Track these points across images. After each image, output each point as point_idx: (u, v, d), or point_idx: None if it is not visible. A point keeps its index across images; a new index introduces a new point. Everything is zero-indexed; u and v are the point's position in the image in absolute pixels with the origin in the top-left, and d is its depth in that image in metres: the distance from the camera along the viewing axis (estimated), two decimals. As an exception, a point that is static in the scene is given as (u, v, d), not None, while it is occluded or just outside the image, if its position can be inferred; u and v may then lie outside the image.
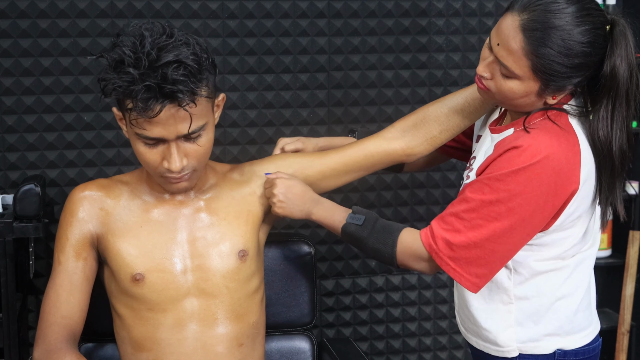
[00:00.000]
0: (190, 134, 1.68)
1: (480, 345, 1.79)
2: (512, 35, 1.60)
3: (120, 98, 1.67)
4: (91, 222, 1.81)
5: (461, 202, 1.66)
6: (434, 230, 1.69)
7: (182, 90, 1.62)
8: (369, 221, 1.78)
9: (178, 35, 1.67)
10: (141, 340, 1.80)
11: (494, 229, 1.62)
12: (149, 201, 1.83)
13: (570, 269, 1.72)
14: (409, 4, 2.59)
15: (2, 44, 2.33)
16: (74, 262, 1.79)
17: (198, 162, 1.74)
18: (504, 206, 1.61)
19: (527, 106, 1.67)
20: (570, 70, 1.59)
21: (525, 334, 1.73)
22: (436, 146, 1.93)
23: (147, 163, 1.73)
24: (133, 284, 1.77)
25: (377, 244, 1.76)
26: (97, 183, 1.85)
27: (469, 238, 1.64)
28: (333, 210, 1.85)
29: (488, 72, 1.66)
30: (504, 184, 1.60)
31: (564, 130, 1.64)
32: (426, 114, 1.92)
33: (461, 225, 1.65)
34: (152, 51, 1.62)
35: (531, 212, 1.62)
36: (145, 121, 1.64)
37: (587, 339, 1.77)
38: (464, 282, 1.67)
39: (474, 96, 1.87)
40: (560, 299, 1.72)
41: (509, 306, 1.73)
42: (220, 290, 1.81)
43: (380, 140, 1.95)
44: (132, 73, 1.61)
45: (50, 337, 1.75)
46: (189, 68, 1.63)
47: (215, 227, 1.83)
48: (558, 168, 1.60)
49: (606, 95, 1.63)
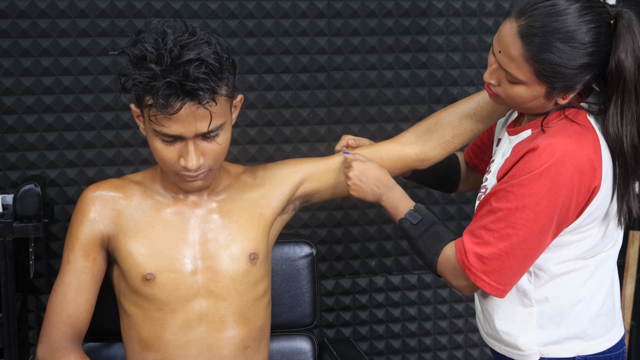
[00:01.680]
0: (209, 133, 1.69)
1: (502, 350, 1.77)
2: (511, 42, 1.58)
3: (140, 94, 1.67)
4: (102, 223, 1.81)
5: (489, 214, 1.64)
6: (465, 245, 1.67)
7: (203, 88, 1.62)
8: (424, 223, 1.77)
9: (200, 34, 1.67)
10: (149, 340, 1.80)
11: (524, 236, 1.60)
12: (162, 201, 1.83)
13: (591, 269, 1.70)
14: (409, 4, 2.59)
15: (2, 44, 2.33)
16: (82, 261, 1.80)
17: (214, 162, 1.74)
18: (532, 211, 1.59)
19: (538, 108, 1.65)
20: (575, 71, 1.57)
21: (546, 337, 1.71)
22: (450, 151, 1.93)
23: (163, 160, 1.72)
24: (143, 284, 1.77)
25: (423, 248, 1.75)
26: (110, 183, 1.85)
27: (499, 249, 1.62)
28: (399, 200, 1.84)
29: (494, 79, 1.65)
30: (528, 188, 1.58)
31: (583, 127, 1.62)
32: (439, 119, 1.93)
33: (491, 237, 1.62)
34: (175, 48, 1.62)
35: (558, 213, 1.59)
36: (165, 118, 1.64)
37: (610, 343, 1.74)
38: (495, 292, 1.65)
39: (487, 100, 1.86)
40: (581, 300, 1.70)
41: (529, 309, 1.71)
42: (230, 293, 1.81)
43: (394, 144, 1.96)
44: (154, 69, 1.61)
45: (55, 335, 1.75)
46: (210, 67, 1.63)
47: (227, 229, 1.83)
48: (580, 165, 1.57)
49: (614, 91, 1.60)
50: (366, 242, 2.69)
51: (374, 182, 1.86)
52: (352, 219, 2.66)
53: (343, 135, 2.13)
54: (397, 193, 1.85)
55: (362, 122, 2.61)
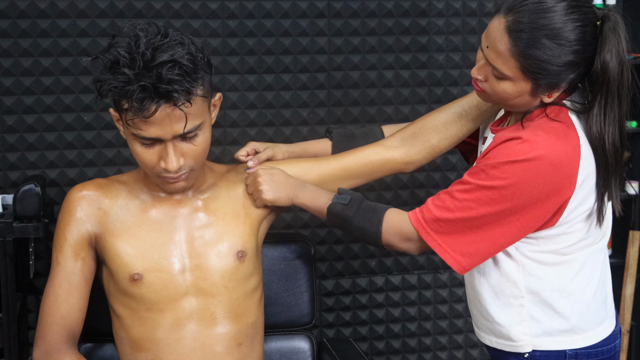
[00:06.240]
0: (187, 134, 1.69)
1: (493, 343, 1.78)
2: (499, 37, 1.60)
3: (117, 99, 1.67)
4: (89, 222, 1.81)
5: (457, 184, 1.68)
6: (427, 204, 1.70)
7: (177, 90, 1.62)
8: (354, 201, 1.79)
9: (173, 35, 1.67)
10: (140, 340, 1.80)
11: (483, 213, 1.63)
12: (147, 201, 1.83)
13: (580, 262, 1.71)
14: (409, 4, 2.59)
15: (2, 44, 2.33)
16: (72, 262, 1.79)
17: (195, 162, 1.74)
18: (497, 193, 1.62)
19: (523, 106, 1.67)
20: (560, 69, 1.60)
21: (538, 328, 1.72)
22: (436, 155, 1.95)
23: (144, 163, 1.73)
24: (131, 284, 1.77)
25: (363, 222, 1.76)
26: (95, 183, 1.85)
27: (457, 217, 1.65)
28: (318, 193, 1.85)
29: (482, 75, 1.67)
30: (499, 171, 1.61)
31: (564, 125, 1.64)
32: (424, 123, 1.95)
33: (452, 204, 1.66)
34: (147, 51, 1.62)
35: (526, 204, 1.62)
36: (141, 121, 1.65)
37: (600, 337, 1.74)
38: (449, 259, 1.68)
39: (472, 103, 1.88)
40: (571, 293, 1.71)
41: (520, 300, 1.72)
42: (219, 290, 1.81)
43: (379, 148, 1.97)
44: (127, 73, 1.61)
45: (49, 337, 1.75)
46: (184, 67, 1.63)
47: (213, 227, 1.83)
48: (558, 164, 1.60)
49: (599, 91, 1.63)
50: (366, 242, 2.69)
51: (284, 184, 1.87)
52: (352, 219, 2.66)
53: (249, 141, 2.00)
54: (312, 188, 1.87)
55: (362, 122, 2.61)
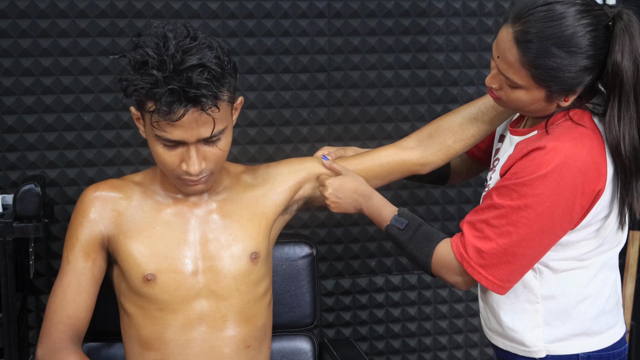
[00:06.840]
0: (211, 138, 1.68)
1: (506, 346, 1.77)
2: (508, 48, 1.58)
3: (142, 99, 1.66)
4: (102, 223, 1.81)
5: (490, 209, 1.64)
6: (465, 238, 1.67)
7: (206, 95, 1.61)
8: (410, 226, 1.77)
9: (202, 37, 1.66)
10: (149, 339, 1.80)
11: (524, 235, 1.61)
12: (162, 201, 1.83)
13: (597, 267, 1.70)
14: (409, 4, 2.59)
15: (2, 44, 2.33)
16: (82, 262, 1.79)
17: (216, 165, 1.74)
18: (533, 211, 1.59)
19: (540, 111, 1.65)
20: (573, 75, 1.57)
21: (552, 334, 1.71)
22: (451, 156, 1.94)
23: (165, 165, 1.72)
24: (144, 284, 1.77)
25: (415, 251, 1.75)
26: (110, 183, 1.85)
27: (499, 245, 1.62)
28: (381, 207, 1.84)
29: (495, 83, 1.65)
30: (531, 189, 1.58)
31: (588, 128, 1.62)
32: (440, 124, 1.94)
33: (491, 232, 1.63)
34: (177, 54, 1.60)
35: (560, 215, 1.60)
36: (167, 124, 1.64)
37: (613, 340, 1.75)
38: (497, 288, 1.66)
39: (488, 105, 1.87)
40: (587, 298, 1.71)
41: (535, 305, 1.71)
42: (231, 293, 1.81)
43: (396, 149, 1.96)
44: (156, 75, 1.60)
45: (54, 336, 1.75)
46: (212, 72, 1.62)
47: (227, 229, 1.83)
48: (584, 167, 1.58)
49: (612, 93, 1.59)
50: (366, 242, 2.69)
51: (351, 194, 1.86)
52: (352, 219, 2.66)
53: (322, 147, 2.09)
54: (377, 200, 1.86)
55: (362, 122, 2.61)
